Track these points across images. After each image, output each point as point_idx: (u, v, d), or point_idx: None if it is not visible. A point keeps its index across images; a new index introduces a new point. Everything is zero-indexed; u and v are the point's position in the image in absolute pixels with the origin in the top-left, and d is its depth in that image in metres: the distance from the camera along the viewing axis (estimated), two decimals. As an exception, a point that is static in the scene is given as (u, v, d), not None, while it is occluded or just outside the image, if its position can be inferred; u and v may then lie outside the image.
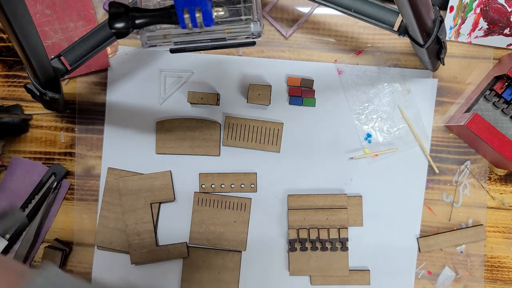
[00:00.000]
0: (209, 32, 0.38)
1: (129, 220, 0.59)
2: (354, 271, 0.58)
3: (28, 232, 0.59)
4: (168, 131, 0.60)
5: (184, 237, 0.59)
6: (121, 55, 0.60)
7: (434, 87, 0.60)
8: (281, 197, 0.59)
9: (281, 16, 0.60)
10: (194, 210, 0.59)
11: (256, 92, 0.58)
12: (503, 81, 0.57)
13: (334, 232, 0.58)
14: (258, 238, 0.59)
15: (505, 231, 0.59)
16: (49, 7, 0.59)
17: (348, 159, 0.59)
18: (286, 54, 0.60)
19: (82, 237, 0.60)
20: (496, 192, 0.60)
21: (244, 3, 0.39)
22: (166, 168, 0.60)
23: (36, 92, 0.49)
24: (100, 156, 0.60)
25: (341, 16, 0.59)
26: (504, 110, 0.58)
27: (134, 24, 0.34)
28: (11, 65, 0.61)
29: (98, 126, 0.61)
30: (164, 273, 0.59)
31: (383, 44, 0.60)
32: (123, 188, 0.59)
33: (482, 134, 0.53)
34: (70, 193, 0.61)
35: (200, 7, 0.33)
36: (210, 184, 0.59)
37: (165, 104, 0.60)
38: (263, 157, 0.60)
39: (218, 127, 0.60)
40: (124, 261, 0.59)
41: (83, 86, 0.61)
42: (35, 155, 0.61)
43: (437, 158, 0.60)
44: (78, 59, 0.50)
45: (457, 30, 0.59)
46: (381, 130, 0.59)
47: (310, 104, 0.59)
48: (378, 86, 0.60)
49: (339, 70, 0.60)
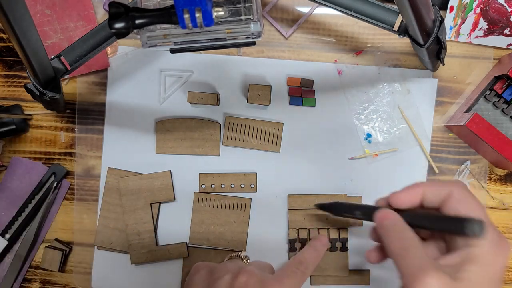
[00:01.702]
0: (209, 32, 0.38)
1: (129, 220, 0.59)
2: (354, 271, 0.58)
3: (28, 232, 0.59)
4: (168, 131, 0.60)
5: (184, 237, 0.59)
6: (121, 55, 0.60)
7: (434, 87, 0.60)
8: (281, 197, 0.59)
9: (281, 16, 0.60)
10: (194, 210, 0.59)
11: (256, 92, 0.58)
12: (503, 81, 0.57)
13: (334, 232, 0.58)
14: (258, 238, 0.59)
15: (505, 231, 0.59)
16: (49, 7, 0.59)
17: (348, 159, 0.59)
18: (286, 54, 0.60)
19: (82, 237, 0.60)
20: (496, 192, 0.60)
21: (244, 3, 0.39)
22: (166, 168, 0.60)
23: (36, 92, 0.49)
24: (100, 156, 0.60)
25: (341, 16, 0.59)
26: (504, 110, 0.58)
27: (134, 24, 0.34)
28: (11, 65, 0.61)
29: (98, 126, 0.61)
30: (164, 273, 0.59)
31: (383, 44, 0.60)
32: (123, 188, 0.59)
33: (482, 134, 0.53)
34: (70, 193, 0.61)
35: (200, 7, 0.33)
36: (210, 184, 0.59)
37: (165, 104, 0.60)
38: (263, 157, 0.60)
39: (218, 127, 0.60)
40: (124, 261, 0.60)
41: (83, 86, 0.61)
42: (35, 155, 0.61)
43: (437, 158, 0.60)
44: (78, 59, 0.50)
45: (457, 30, 0.59)
46: (381, 130, 0.59)
47: (310, 104, 0.59)
48: (378, 86, 0.60)
49: (339, 70, 0.60)
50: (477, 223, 0.38)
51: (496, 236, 0.39)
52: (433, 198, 0.42)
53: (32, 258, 0.60)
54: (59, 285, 0.61)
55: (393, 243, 0.41)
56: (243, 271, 0.45)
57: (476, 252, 0.38)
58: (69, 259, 0.61)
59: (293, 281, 0.46)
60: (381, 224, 0.43)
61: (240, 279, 0.44)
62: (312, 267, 0.49)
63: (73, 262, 0.60)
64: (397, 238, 0.41)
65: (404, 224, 0.42)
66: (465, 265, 0.38)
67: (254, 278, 0.44)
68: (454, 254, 0.39)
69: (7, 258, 0.60)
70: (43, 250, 0.59)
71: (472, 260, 0.38)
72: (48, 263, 0.59)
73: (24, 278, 0.60)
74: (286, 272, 0.47)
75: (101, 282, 0.60)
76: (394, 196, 0.44)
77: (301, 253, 0.50)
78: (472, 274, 0.37)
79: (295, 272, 0.47)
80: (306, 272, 0.47)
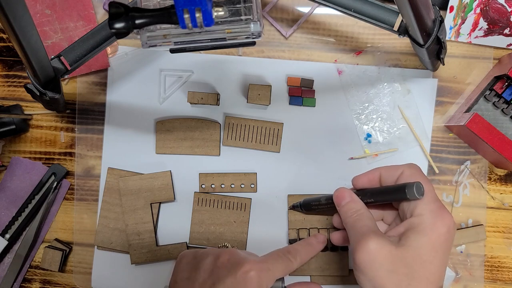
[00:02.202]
0: (209, 32, 0.38)
1: (129, 220, 0.59)
2: (354, 271, 0.58)
3: (28, 232, 0.59)
4: (168, 131, 0.60)
5: (184, 237, 0.59)
6: (121, 55, 0.60)
7: (434, 87, 0.60)
8: (281, 197, 0.59)
9: (281, 16, 0.60)
10: (194, 210, 0.59)
11: (256, 92, 0.58)
12: (503, 81, 0.57)
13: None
14: (258, 238, 0.59)
15: (505, 231, 0.59)
16: (49, 7, 0.59)
17: (348, 159, 0.59)
18: (286, 54, 0.60)
19: (82, 237, 0.60)
20: (496, 192, 0.60)
21: (244, 3, 0.39)
22: (166, 168, 0.60)
23: (36, 92, 0.49)
24: (100, 156, 0.60)
25: (341, 16, 0.59)
26: (504, 110, 0.58)
27: (134, 24, 0.34)
28: (11, 65, 0.61)
29: (98, 126, 0.61)
30: (164, 273, 0.59)
31: (383, 44, 0.60)
32: (123, 188, 0.59)
33: (482, 134, 0.53)
34: (70, 193, 0.61)
35: (200, 7, 0.33)
36: (210, 184, 0.59)
37: (165, 104, 0.60)
38: (263, 157, 0.60)
39: (218, 127, 0.60)
40: (124, 261, 0.59)
41: (83, 86, 0.61)
42: (35, 155, 0.61)
43: (437, 158, 0.60)
44: (78, 59, 0.50)
45: (457, 30, 0.59)
46: (381, 130, 0.59)
47: (310, 104, 0.59)
48: (378, 86, 0.60)
49: (339, 70, 0.60)
50: (414, 185, 0.41)
51: (437, 206, 0.41)
52: (388, 178, 0.45)
53: (32, 258, 0.60)
54: (59, 285, 0.61)
55: (346, 215, 0.45)
56: (225, 251, 0.46)
57: (417, 221, 0.41)
58: (69, 259, 0.61)
59: (276, 265, 0.46)
60: (337, 201, 0.47)
61: (222, 258, 0.45)
62: (300, 259, 0.48)
63: (73, 262, 0.60)
64: (349, 210, 0.45)
65: (355, 198, 0.46)
66: (406, 232, 0.41)
67: (236, 256, 0.45)
68: (400, 225, 0.43)
69: (7, 258, 0.60)
70: (43, 250, 0.59)
71: (413, 228, 0.41)
72: (48, 263, 0.59)
73: (24, 278, 0.60)
74: (272, 256, 0.47)
75: (101, 282, 0.60)
76: (354, 178, 0.48)
77: (292, 244, 0.51)
78: (412, 241, 0.40)
79: (280, 257, 0.47)
80: (292, 261, 0.47)
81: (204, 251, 0.48)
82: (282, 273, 0.46)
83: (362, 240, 0.41)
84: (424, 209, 0.41)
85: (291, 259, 0.47)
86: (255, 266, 0.43)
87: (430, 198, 0.42)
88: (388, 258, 0.40)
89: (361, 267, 0.40)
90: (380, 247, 0.40)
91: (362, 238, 0.41)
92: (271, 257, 0.46)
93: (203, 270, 0.45)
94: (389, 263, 0.39)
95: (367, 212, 0.44)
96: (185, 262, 0.48)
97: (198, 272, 0.45)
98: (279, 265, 0.46)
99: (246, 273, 0.43)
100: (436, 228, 0.40)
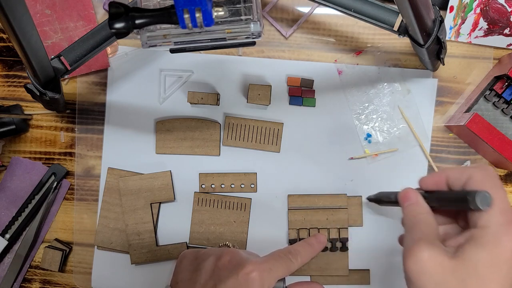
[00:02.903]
0: (209, 32, 0.38)
1: (129, 220, 0.59)
2: (354, 271, 0.58)
3: (28, 232, 0.59)
4: (168, 131, 0.60)
5: (184, 237, 0.59)
6: (121, 55, 0.60)
7: (434, 87, 0.60)
8: (281, 197, 0.59)
9: (281, 16, 0.60)
10: (194, 210, 0.59)
11: (256, 92, 0.58)
12: (503, 81, 0.57)
13: (334, 232, 0.58)
14: (258, 238, 0.59)
15: (505, 231, 0.59)
16: (49, 7, 0.59)
17: (348, 159, 0.59)
18: (286, 54, 0.60)
19: (82, 237, 0.60)
20: (496, 192, 0.59)
21: (244, 3, 0.39)
22: (166, 168, 0.60)
23: (36, 92, 0.49)
24: (100, 156, 0.60)
25: (341, 16, 0.59)
26: (504, 110, 0.58)
27: (134, 24, 0.34)
28: (11, 65, 0.61)
29: (98, 126, 0.61)
30: (164, 273, 0.59)
31: (383, 44, 0.60)
32: (123, 188, 0.59)
33: (482, 134, 0.53)
34: (70, 193, 0.61)
35: (200, 7, 0.33)
36: (210, 184, 0.59)
37: (165, 104, 0.60)
38: (263, 157, 0.60)
39: (218, 127, 0.60)
40: (124, 261, 0.59)
41: (83, 86, 0.61)
42: (35, 155, 0.61)
43: (437, 158, 0.60)
44: (78, 59, 0.50)
45: (457, 30, 0.59)
46: (381, 130, 0.59)
47: (310, 104, 0.59)
48: (378, 86, 0.60)
49: (339, 70, 0.60)
50: (478, 195, 0.36)
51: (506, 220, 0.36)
52: (456, 182, 0.41)
53: (32, 258, 0.60)
54: (59, 285, 0.61)
55: (406, 216, 0.42)
56: (227, 251, 0.46)
57: (479, 233, 0.37)
58: (69, 259, 0.61)
59: (277, 265, 0.45)
60: (401, 201, 0.43)
61: (223, 259, 0.45)
62: (301, 260, 0.48)
63: (73, 262, 0.60)
64: (410, 212, 0.41)
65: (420, 201, 0.42)
66: (466, 244, 0.37)
67: (237, 256, 0.45)
68: (461, 235, 0.39)
69: (7, 258, 0.60)
70: (43, 250, 0.59)
71: (474, 240, 0.37)
72: (48, 263, 0.59)
73: (24, 278, 0.60)
74: (273, 256, 0.47)
75: (101, 282, 0.60)
76: (421, 180, 0.44)
77: (293, 245, 0.51)
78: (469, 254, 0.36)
79: (281, 257, 0.47)
80: (293, 262, 0.47)
81: (205, 252, 0.48)
82: (283, 274, 0.46)
83: (414, 247, 0.37)
84: (490, 221, 0.36)
85: (292, 259, 0.47)
86: (256, 267, 0.43)
87: (500, 209, 0.37)
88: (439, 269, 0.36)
89: (409, 275, 0.37)
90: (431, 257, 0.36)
91: (414, 245, 0.37)
92: (272, 258, 0.46)
93: (204, 271, 0.45)
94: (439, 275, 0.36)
95: (429, 217, 0.40)
96: (186, 263, 0.48)
97: (199, 273, 0.45)
98: (280, 265, 0.46)
99: (247, 274, 0.43)
100: (500, 242, 0.36)
